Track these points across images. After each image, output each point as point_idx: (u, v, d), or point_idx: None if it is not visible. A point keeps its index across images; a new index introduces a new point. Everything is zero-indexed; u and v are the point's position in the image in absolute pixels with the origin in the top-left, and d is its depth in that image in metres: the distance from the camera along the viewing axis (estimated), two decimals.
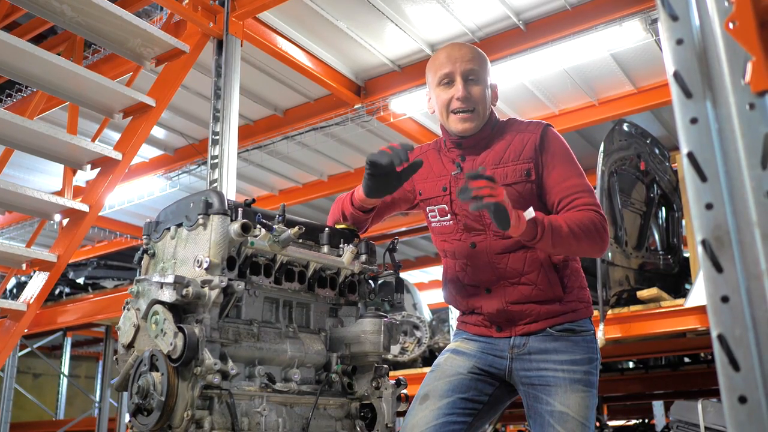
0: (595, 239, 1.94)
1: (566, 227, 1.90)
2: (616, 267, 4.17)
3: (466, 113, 2.04)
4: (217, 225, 1.75)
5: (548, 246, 1.90)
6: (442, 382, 2.06)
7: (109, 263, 8.32)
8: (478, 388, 2.06)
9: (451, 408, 2.01)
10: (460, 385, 2.04)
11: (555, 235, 1.88)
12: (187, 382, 1.64)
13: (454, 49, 2.09)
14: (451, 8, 4.47)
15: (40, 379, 12.10)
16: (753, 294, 0.88)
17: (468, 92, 2.03)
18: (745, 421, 0.86)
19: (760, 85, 0.89)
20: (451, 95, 2.04)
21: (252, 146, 6.10)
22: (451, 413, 2.00)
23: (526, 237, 1.87)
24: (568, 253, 2.00)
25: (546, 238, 1.87)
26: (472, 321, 2.14)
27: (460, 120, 2.05)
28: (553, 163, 2.03)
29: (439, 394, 2.03)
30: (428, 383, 2.09)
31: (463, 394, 2.03)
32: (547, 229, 1.87)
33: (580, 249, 1.95)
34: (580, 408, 1.93)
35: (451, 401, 2.02)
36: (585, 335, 2.04)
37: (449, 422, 1.99)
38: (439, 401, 2.02)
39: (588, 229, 1.92)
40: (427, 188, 2.16)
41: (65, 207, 3.33)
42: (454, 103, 2.04)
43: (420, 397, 2.06)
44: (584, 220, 1.93)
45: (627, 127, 4.58)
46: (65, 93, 3.50)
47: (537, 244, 1.89)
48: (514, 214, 1.80)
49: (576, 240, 1.90)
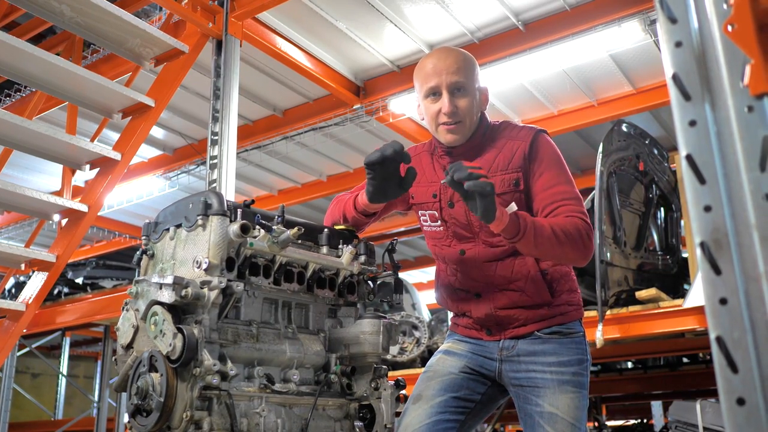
0: (578, 246, 1.92)
1: (549, 229, 1.89)
2: (614, 267, 4.17)
3: (453, 125, 2.03)
4: (216, 226, 1.75)
5: (530, 246, 1.88)
6: (434, 382, 2.08)
7: (107, 263, 8.32)
8: (471, 387, 2.07)
9: (443, 407, 2.02)
10: (453, 384, 2.06)
11: (537, 235, 1.86)
12: (186, 382, 1.64)
13: (440, 60, 2.04)
14: (450, 9, 4.47)
15: (38, 378, 12.09)
16: (751, 296, 0.88)
17: (454, 106, 2.01)
18: (743, 423, 0.86)
19: (759, 88, 0.89)
20: (438, 108, 2.03)
21: (251, 146, 6.10)
22: (444, 411, 2.02)
23: (509, 233, 1.85)
24: (549, 257, 1.98)
25: (528, 236, 1.85)
26: (463, 323, 2.17)
27: (448, 131, 2.05)
28: (541, 170, 2.02)
29: (431, 394, 2.05)
30: (421, 384, 2.11)
31: (455, 393, 2.05)
32: (530, 227, 1.86)
33: (563, 253, 1.93)
34: (570, 409, 1.94)
35: (444, 400, 2.03)
36: (574, 337, 2.04)
37: (442, 420, 2.01)
38: (432, 400, 2.04)
39: (571, 235, 1.90)
40: (419, 192, 2.16)
41: (64, 207, 3.33)
42: (441, 116, 2.03)
43: (413, 398, 2.08)
44: (568, 226, 1.91)
45: (626, 128, 4.57)
46: (64, 93, 3.50)
47: (519, 242, 1.87)
48: (499, 208, 1.80)
49: (559, 243, 1.89)
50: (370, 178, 1.96)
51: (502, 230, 1.85)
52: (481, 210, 1.77)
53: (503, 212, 1.82)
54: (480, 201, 1.75)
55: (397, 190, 1.99)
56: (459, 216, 2.07)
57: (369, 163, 1.92)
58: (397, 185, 1.98)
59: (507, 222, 1.83)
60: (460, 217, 2.07)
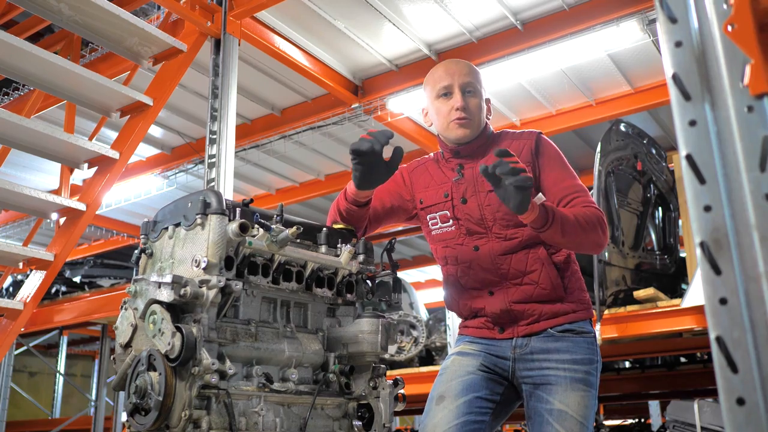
0: (598, 233, 2.00)
1: (573, 217, 1.96)
2: (612, 267, 4.17)
3: (465, 120, 2.13)
4: (215, 225, 1.75)
5: (557, 234, 1.93)
6: (455, 382, 2.09)
7: (105, 262, 8.32)
8: (490, 388, 2.09)
9: (469, 407, 2.03)
10: (474, 384, 2.07)
11: (564, 223, 1.93)
12: (184, 381, 1.63)
13: (452, 64, 2.20)
14: (448, 8, 4.47)
15: (36, 377, 12.08)
16: (751, 296, 0.88)
17: (466, 103, 2.13)
18: (743, 423, 0.86)
19: (759, 88, 0.89)
20: (450, 106, 2.14)
21: (249, 145, 6.09)
22: (470, 412, 2.03)
23: (538, 223, 1.91)
24: (573, 245, 2.03)
25: (556, 224, 1.91)
26: (474, 324, 2.18)
27: (459, 126, 2.13)
28: (550, 166, 2.11)
29: (455, 394, 2.06)
30: (441, 385, 2.11)
31: (478, 393, 2.06)
32: (558, 216, 1.92)
33: (586, 240, 1.99)
34: (579, 407, 1.96)
35: (468, 400, 2.04)
36: (586, 336, 2.09)
37: (470, 421, 2.01)
38: (456, 400, 2.05)
39: (592, 223, 1.98)
40: (428, 196, 2.20)
41: (62, 206, 3.32)
42: (454, 113, 2.13)
43: (435, 399, 2.08)
44: (588, 214, 1.99)
45: (624, 128, 4.58)
46: (62, 92, 3.49)
47: (547, 231, 1.92)
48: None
49: (582, 230, 1.96)
50: (356, 163, 1.97)
51: (533, 220, 1.90)
52: (518, 202, 1.81)
53: (533, 203, 1.88)
54: (517, 194, 1.79)
55: (384, 174, 2.01)
56: (472, 211, 2.11)
57: (355, 151, 1.93)
58: (384, 169, 2.00)
59: (537, 214, 1.88)
60: (474, 212, 2.11)
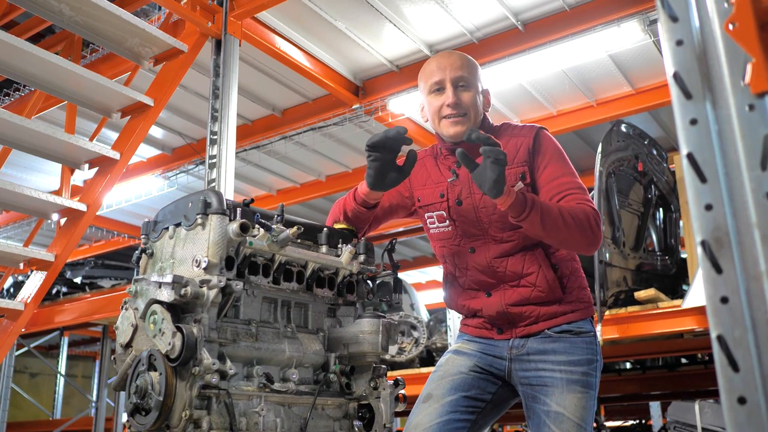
0: (587, 232, 1.93)
1: (557, 210, 1.90)
2: (613, 268, 4.17)
3: (458, 117, 2.07)
4: (216, 225, 1.75)
5: (537, 225, 1.88)
6: (444, 381, 2.08)
7: (106, 263, 8.31)
8: (481, 387, 2.08)
9: (454, 406, 2.02)
10: (463, 384, 2.06)
11: (544, 214, 1.87)
12: (185, 381, 1.63)
13: (444, 57, 2.13)
14: (449, 9, 4.47)
15: (36, 378, 12.08)
16: (752, 295, 0.88)
17: (458, 98, 2.07)
18: (744, 422, 0.86)
19: (760, 87, 0.89)
20: (442, 102, 2.08)
21: (250, 146, 6.09)
22: (454, 411, 2.02)
23: (516, 210, 1.86)
24: (558, 240, 1.97)
25: (534, 215, 1.86)
26: (473, 324, 2.17)
27: (452, 124, 2.08)
28: (546, 162, 2.05)
29: (441, 393, 2.05)
30: (431, 383, 2.11)
31: (466, 393, 2.05)
32: (537, 205, 1.87)
33: (571, 237, 1.93)
34: (577, 409, 1.94)
35: (454, 399, 2.04)
36: (585, 336, 2.05)
37: (452, 420, 2.00)
38: (442, 399, 2.04)
39: (579, 219, 1.91)
40: (425, 194, 2.18)
41: (63, 206, 3.32)
42: (445, 109, 2.08)
43: (423, 397, 2.08)
44: (577, 211, 1.93)
45: (625, 128, 4.58)
46: (63, 92, 3.49)
47: (526, 219, 1.87)
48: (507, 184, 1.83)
49: (566, 226, 1.89)
50: (371, 160, 1.98)
51: (509, 206, 1.86)
52: (492, 180, 1.78)
53: (510, 189, 1.84)
54: (491, 169, 1.77)
55: (397, 177, 2.02)
56: (468, 213, 2.08)
57: (372, 145, 1.95)
58: (397, 172, 2.01)
59: (514, 198, 1.85)
60: (469, 214, 2.08)
